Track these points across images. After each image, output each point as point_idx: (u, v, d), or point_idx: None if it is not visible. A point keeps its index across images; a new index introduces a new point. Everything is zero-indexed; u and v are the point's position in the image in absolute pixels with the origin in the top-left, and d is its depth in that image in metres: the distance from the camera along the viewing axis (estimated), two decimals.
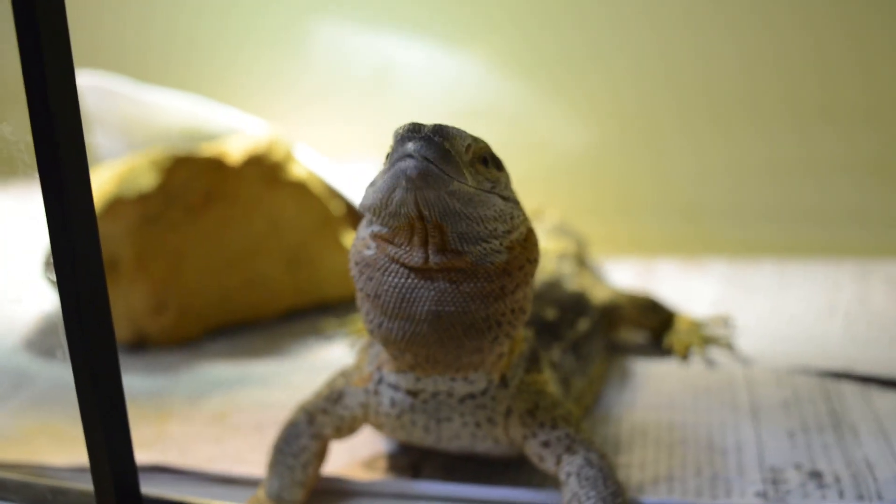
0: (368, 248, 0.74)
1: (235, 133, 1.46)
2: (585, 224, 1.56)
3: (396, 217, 0.70)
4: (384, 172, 0.71)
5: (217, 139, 1.45)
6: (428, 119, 0.73)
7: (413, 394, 0.81)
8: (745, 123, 1.57)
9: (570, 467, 0.80)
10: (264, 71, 1.81)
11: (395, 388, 0.82)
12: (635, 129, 1.64)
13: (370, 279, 0.74)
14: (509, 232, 0.73)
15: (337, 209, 1.41)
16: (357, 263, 0.75)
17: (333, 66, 1.78)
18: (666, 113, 1.61)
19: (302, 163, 1.42)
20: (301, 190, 1.37)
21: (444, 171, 0.68)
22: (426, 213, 0.69)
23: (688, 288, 1.42)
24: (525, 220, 0.77)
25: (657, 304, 1.24)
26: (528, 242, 0.76)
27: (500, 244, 0.73)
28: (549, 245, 1.36)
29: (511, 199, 0.75)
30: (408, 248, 0.72)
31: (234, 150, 1.34)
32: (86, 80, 1.44)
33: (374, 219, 0.73)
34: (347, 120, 1.76)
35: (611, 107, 1.64)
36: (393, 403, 0.82)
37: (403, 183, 0.68)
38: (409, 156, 0.68)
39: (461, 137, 0.72)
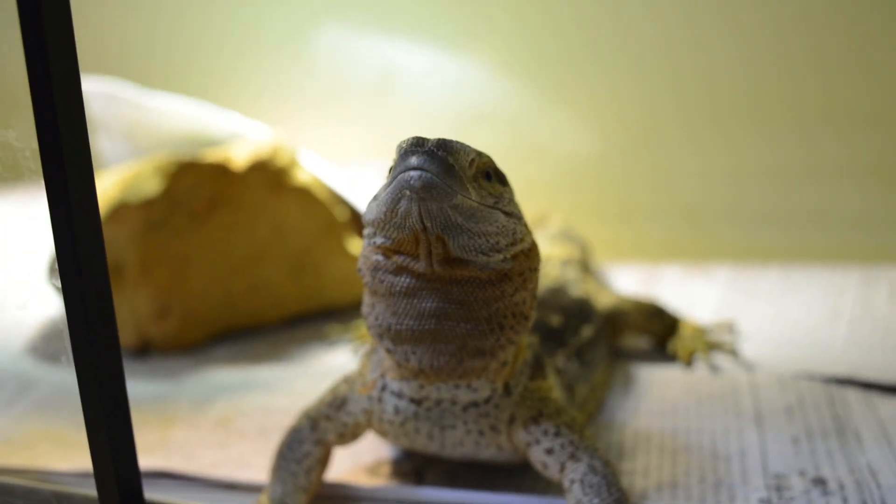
0: (377, 254, 0.74)
1: (239, 138, 1.47)
2: (588, 229, 1.56)
3: (401, 229, 0.71)
4: (386, 186, 0.72)
5: (221, 144, 1.45)
6: (431, 124, 0.73)
7: (417, 402, 0.81)
8: (747, 128, 1.57)
9: (573, 474, 0.80)
10: (267, 76, 1.82)
11: (399, 395, 0.82)
12: (638, 134, 1.64)
13: (382, 281, 0.74)
14: (512, 244, 0.74)
15: (341, 215, 1.41)
16: (369, 268, 0.75)
17: (336, 70, 1.78)
18: (669, 117, 1.61)
19: (306, 168, 1.42)
20: (305, 195, 1.37)
21: (448, 185, 0.68)
22: (429, 224, 0.69)
23: (692, 293, 1.42)
24: (528, 233, 0.77)
25: (661, 309, 1.24)
26: (532, 252, 0.77)
27: (503, 256, 0.73)
28: (553, 251, 1.36)
29: (514, 215, 0.75)
30: (413, 258, 0.72)
31: (239, 155, 1.35)
32: (90, 86, 1.44)
33: (378, 231, 0.73)
34: (351, 124, 1.77)
35: (614, 111, 1.64)
36: (396, 411, 0.82)
37: (407, 193, 0.68)
38: (413, 169, 0.68)
39: (465, 152, 0.72)
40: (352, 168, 1.56)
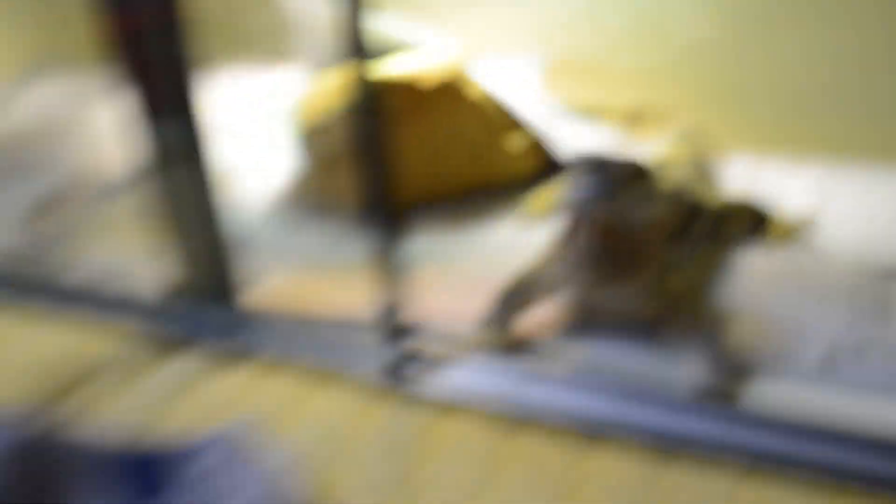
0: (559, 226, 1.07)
1: (413, 47, 1.62)
2: (698, 119, 1.58)
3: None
4: (563, 191, 1.05)
5: (397, 54, 1.58)
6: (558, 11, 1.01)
7: None
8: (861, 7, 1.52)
9: None
10: None
11: None
12: (745, 23, 1.62)
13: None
14: (652, 218, 1.05)
15: (508, 121, 1.59)
16: (556, 231, 1.09)
17: None
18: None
19: (476, 76, 1.58)
20: (477, 103, 1.56)
21: (601, 194, 1.00)
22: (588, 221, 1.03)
23: (790, 186, 1.50)
24: (663, 206, 1.08)
25: (759, 207, 1.39)
26: (666, 219, 1.11)
27: (645, 226, 1.05)
28: (674, 152, 1.47)
29: (653, 196, 1.05)
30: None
31: (419, 69, 1.50)
32: None
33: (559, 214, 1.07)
34: (501, 17, 1.81)
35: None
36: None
37: (572, 204, 1.03)
38: (576, 188, 1.01)
39: (616, 165, 1.01)
40: (503, 61, 1.66)
